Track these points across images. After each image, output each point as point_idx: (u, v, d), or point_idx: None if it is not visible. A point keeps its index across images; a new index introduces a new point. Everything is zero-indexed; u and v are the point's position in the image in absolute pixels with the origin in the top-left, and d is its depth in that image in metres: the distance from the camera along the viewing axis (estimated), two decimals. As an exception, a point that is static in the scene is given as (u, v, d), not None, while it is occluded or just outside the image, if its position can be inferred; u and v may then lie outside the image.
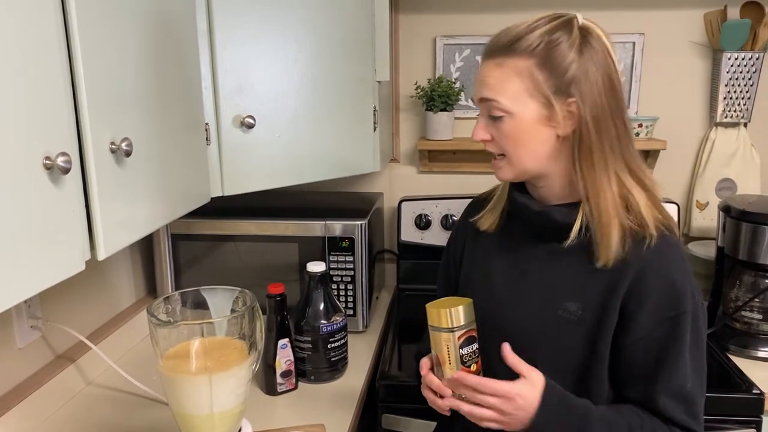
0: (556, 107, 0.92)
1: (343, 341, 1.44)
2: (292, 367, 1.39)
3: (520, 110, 0.93)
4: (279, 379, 1.37)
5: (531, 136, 0.95)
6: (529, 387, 0.92)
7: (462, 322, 0.98)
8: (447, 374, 0.98)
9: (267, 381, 1.38)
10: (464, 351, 0.98)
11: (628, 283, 0.94)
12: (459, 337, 0.97)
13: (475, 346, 0.99)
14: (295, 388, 1.40)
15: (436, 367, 1.01)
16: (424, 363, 1.02)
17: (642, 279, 0.94)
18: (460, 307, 0.97)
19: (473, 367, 0.98)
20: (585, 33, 0.93)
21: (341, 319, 1.42)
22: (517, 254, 1.06)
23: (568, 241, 0.97)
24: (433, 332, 1.00)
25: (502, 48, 0.94)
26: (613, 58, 0.94)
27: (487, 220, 1.11)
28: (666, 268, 0.94)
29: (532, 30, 0.93)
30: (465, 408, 0.95)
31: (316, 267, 1.41)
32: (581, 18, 0.95)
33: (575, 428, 0.93)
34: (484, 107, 0.97)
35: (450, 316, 0.97)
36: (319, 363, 1.41)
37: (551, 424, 0.92)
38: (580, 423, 0.93)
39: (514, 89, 0.93)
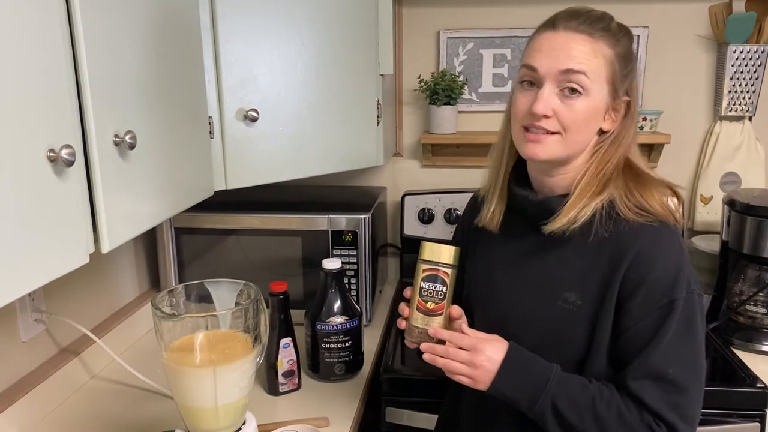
0: (619, 100, 0.96)
1: (355, 340, 1.40)
2: (295, 367, 1.35)
3: (596, 91, 0.94)
4: (281, 379, 1.34)
5: (594, 120, 0.96)
6: (497, 342, 0.96)
7: (432, 258, 1.00)
8: (412, 303, 1.02)
9: (269, 381, 1.35)
10: (424, 285, 1.01)
11: (624, 271, 0.94)
12: (424, 270, 1.01)
13: (440, 287, 1.00)
14: (298, 388, 1.37)
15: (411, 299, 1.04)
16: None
17: (636, 266, 0.93)
18: (441, 246, 1.00)
19: (430, 305, 1.01)
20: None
21: (356, 318, 1.39)
22: (518, 247, 1.06)
23: (554, 222, 0.97)
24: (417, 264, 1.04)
25: (592, 25, 0.93)
26: None
27: (491, 218, 1.10)
28: (660, 257, 0.93)
29: (611, 19, 0.95)
30: (440, 362, 0.97)
31: (331, 264, 1.37)
32: None
33: (532, 391, 0.93)
34: (556, 80, 0.93)
35: (424, 249, 1.02)
36: (330, 359, 1.38)
37: (510, 383, 0.94)
38: (539, 386, 0.93)
39: (598, 70, 0.93)
